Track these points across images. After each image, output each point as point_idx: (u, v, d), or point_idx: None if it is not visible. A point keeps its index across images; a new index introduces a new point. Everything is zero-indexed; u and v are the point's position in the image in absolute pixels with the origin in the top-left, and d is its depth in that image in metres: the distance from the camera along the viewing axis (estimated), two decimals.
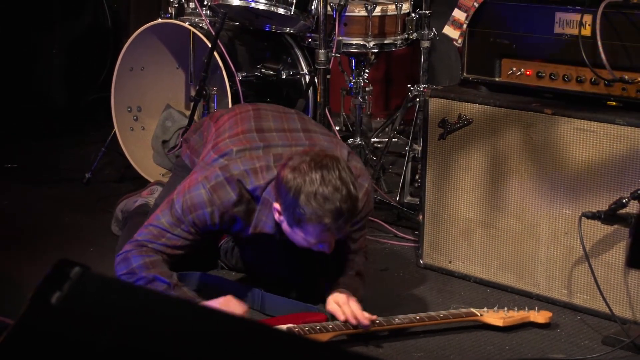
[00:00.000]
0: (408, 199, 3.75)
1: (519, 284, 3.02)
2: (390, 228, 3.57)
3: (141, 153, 4.05)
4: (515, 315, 2.77)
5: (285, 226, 2.50)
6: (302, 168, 2.41)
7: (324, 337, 2.56)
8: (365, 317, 2.61)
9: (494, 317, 2.75)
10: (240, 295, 2.88)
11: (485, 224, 3.07)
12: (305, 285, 2.88)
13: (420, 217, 3.23)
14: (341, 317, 2.61)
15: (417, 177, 3.75)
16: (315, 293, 2.79)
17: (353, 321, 2.60)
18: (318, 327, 2.58)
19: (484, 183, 3.06)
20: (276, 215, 2.51)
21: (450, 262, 3.19)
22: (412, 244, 3.41)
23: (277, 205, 2.50)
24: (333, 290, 2.68)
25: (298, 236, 2.49)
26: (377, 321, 2.65)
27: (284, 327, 2.54)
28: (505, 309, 2.77)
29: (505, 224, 3.02)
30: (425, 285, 3.10)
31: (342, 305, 2.63)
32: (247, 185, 2.55)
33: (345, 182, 2.41)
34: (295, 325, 2.59)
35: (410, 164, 3.79)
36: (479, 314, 2.76)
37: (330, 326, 2.59)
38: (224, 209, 2.56)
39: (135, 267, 2.58)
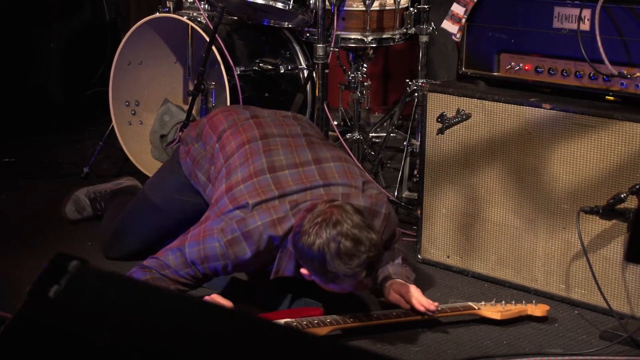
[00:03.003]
0: (406, 193, 3.75)
1: (516, 279, 3.02)
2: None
3: (139, 147, 4.05)
4: (512, 309, 2.77)
5: (319, 282, 2.51)
6: (315, 231, 2.42)
7: (322, 331, 2.56)
8: (430, 303, 2.65)
9: (492, 310, 2.75)
10: (239, 290, 2.91)
11: (483, 219, 3.07)
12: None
13: (419, 211, 3.24)
14: (406, 306, 2.66)
15: (415, 172, 3.73)
16: (313, 288, 2.79)
17: (420, 308, 2.64)
18: (316, 322, 2.58)
19: (482, 178, 3.06)
20: (306, 276, 2.53)
21: (448, 256, 3.19)
22: (410, 239, 3.40)
23: (304, 271, 2.51)
24: (388, 280, 2.71)
25: (334, 288, 2.51)
26: (375, 315, 2.65)
27: (281, 321, 2.54)
28: (503, 302, 2.78)
29: (503, 218, 3.02)
30: (423, 280, 3.10)
31: (405, 294, 2.66)
32: (264, 237, 2.54)
33: (362, 228, 2.42)
34: (293, 319, 2.59)
35: (408, 158, 3.79)
36: (477, 308, 2.76)
37: (328, 320, 2.59)
38: (237, 262, 2.57)
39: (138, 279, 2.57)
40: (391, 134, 4.00)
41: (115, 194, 3.49)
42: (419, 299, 2.65)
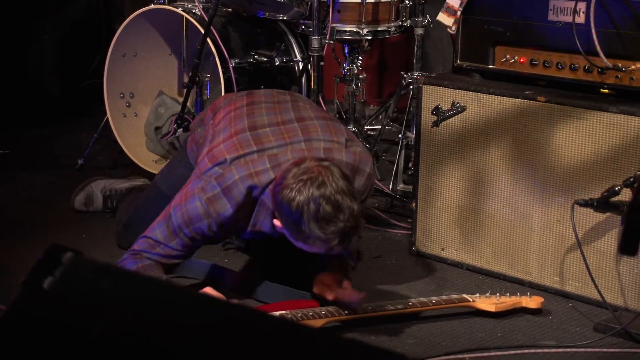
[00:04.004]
0: (401, 186, 3.75)
1: (511, 272, 3.03)
2: (383, 215, 3.57)
3: (134, 139, 4.04)
4: (507, 301, 2.77)
5: (288, 237, 2.47)
6: (298, 188, 2.36)
7: (317, 323, 2.56)
8: (354, 294, 2.59)
9: (486, 302, 2.75)
10: (233, 282, 2.91)
11: (478, 212, 3.07)
12: (300, 272, 2.88)
13: (413, 204, 3.23)
14: (329, 297, 2.60)
15: (410, 164, 3.74)
16: (309, 281, 2.79)
17: (342, 299, 2.59)
18: (311, 314, 2.57)
19: (477, 170, 3.06)
20: (277, 227, 2.49)
21: (443, 249, 3.19)
22: (405, 232, 3.41)
23: (277, 223, 2.48)
24: (320, 273, 2.68)
25: (303, 247, 2.46)
26: (370, 307, 2.65)
27: (276, 313, 2.53)
28: (497, 294, 2.78)
29: (498, 211, 3.02)
30: (418, 273, 3.11)
31: (330, 285, 2.63)
32: (243, 190, 2.53)
33: (345, 194, 2.36)
34: (288, 311, 2.58)
35: (403, 151, 3.78)
36: (471, 300, 2.76)
37: (323, 312, 2.59)
38: (221, 220, 2.55)
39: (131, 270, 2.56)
40: (386, 127, 4.00)
41: (129, 192, 3.51)
42: (344, 290, 2.59)
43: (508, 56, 3.03)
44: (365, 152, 2.72)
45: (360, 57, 3.95)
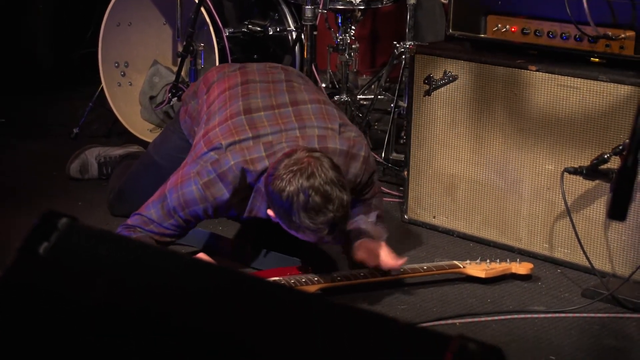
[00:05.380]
0: (393, 155, 3.75)
1: (501, 239, 3.03)
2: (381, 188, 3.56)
3: (128, 108, 4.03)
4: (497, 267, 2.78)
5: (282, 225, 2.48)
6: (288, 179, 2.37)
7: (310, 289, 2.56)
8: (396, 261, 2.63)
9: (477, 269, 2.76)
10: (227, 249, 2.92)
11: (469, 180, 3.07)
12: (293, 240, 2.88)
13: (405, 173, 3.24)
14: (372, 264, 2.63)
15: (402, 133, 3.74)
16: (302, 247, 2.80)
17: (385, 267, 2.62)
18: (304, 280, 2.58)
19: (468, 139, 3.05)
20: (272, 217, 2.49)
21: (434, 217, 3.20)
22: (397, 200, 3.41)
23: (271, 213, 2.48)
24: (357, 238, 2.68)
25: (296, 235, 2.48)
26: (362, 274, 2.66)
27: (270, 279, 2.54)
28: (488, 261, 2.79)
29: (489, 179, 3.02)
30: (409, 240, 3.11)
31: (373, 251, 2.64)
32: (238, 173, 2.52)
33: (334, 185, 2.37)
34: (281, 277, 2.59)
35: (395, 120, 3.77)
36: (462, 266, 2.77)
37: (316, 279, 2.60)
38: (217, 204, 2.55)
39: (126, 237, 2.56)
40: (379, 96, 3.99)
41: (123, 159, 3.50)
42: (386, 258, 2.63)
43: (500, 25, 3.02)
44: (360, 136, 2.71)
45: (353, 27, 3.93)
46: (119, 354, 1.04)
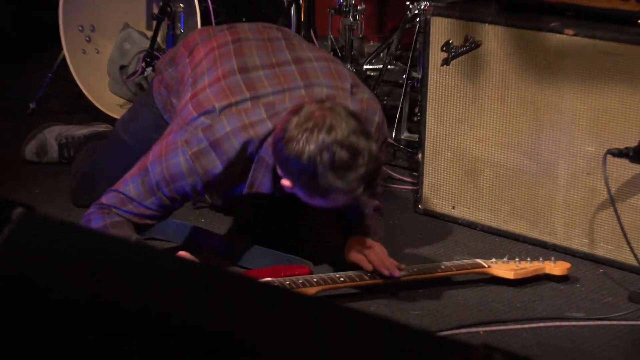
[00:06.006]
0: (405, 135, 3.75)
1: (532, 233, 3.04)
2: (384, 168, 3.56)
3: (95, 80, 4.02)
4: (528, 267, 2.78)
5: (302, 196, 2.47)
6: (305, 137, 2.35)
7: (309, 291, 2.56)
8: (394, 265, 2.63)
9: (504, 268, 2.76)
10: (212, 245, 2.93)
11: (494, 164, 3.08)
12: (290, 234, 2.90)
13: (420, 155, 3.24)
14: (368, 267, 2.63)
15: (416, 109, 3.75)
16: (301, 242, 2.81)
17: (385, 271, 2.62)
18: (301, 281, 2.58)
19: (493, 116, 3.05)
20: (286, 188, 2.48)
21: (453, 207, 3.20)
22: (410, 187, 3.42)
23: (287, 182, 2.46)
24: (351, 235, 2.69)
25: (322, 204, 2.47)
26: (368, 274, 2.66)
27: (262, 280, 2.53)
28: (517, 259, 2.79)
29: (518, 163, 3.02)
30: (424, 235, 3.12)
31: (367, 253, 2.64)
32: (236, 145, 2.51)
33: (360, 135, 2.37)
34: (275, 279, 2.60)
35: (408, 94, 3.77)
36: (487, 266, 2.77)
37: (315, 280, 2.60)
38: (208, 178, 2.54)
39: (94, 229, 2.56)
40: (388, 66, 4.00)
41: (88, 140, 3.51)
42: (383, 260, 2.63)
43: None
44: (374, 99, 2.72)
45: None
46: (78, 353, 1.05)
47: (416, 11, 3.82)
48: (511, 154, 3.04)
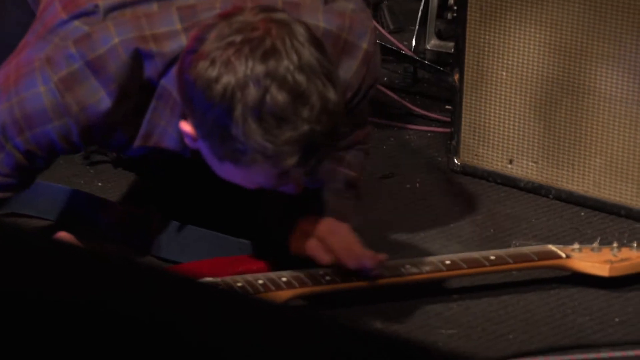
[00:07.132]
0: (433, 42, 3.82)
1: (639, 203, 3.04)
2: (398, 98, 3.60)
3: None
4: (633, 257, 2.79)
5: (206, 154, 2.50)
6: (227, 58, 2.38)
7: (277, 296, 2.62)
8: (369, 255, 2.66)
9: (593, 259, 2.80)
10: (113, 222, 3.02)
11: (573, 96, 3.09)
12: (238, 206, 2.96)
13: (456, 76, 3.26)
14: (325, 260, 2.67)
15: (450, 1, 3.76)
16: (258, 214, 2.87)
17: (351, 264, 2.66)
18: (261, 282, 2.63)
19: (571, 21, 3.09)
20: (187, 135, 2.51)
21: (510, 162, 3.26)
22: (440, 129, 3.47)
23: (186, 127, 2.48)
24: (306, 216, 2.73)
25: (234, 175, 2.50)
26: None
27: (203, 280, 2.55)
28: (615, 244, 2.82)
29: (610, 95, 3.07)
30: (462, 205, 3.20)
31: (328, 240, 2.68)
32: (130, 62, 2.52)
33: (316, 74, 2.39)
34: (220, 277, 2.66)
35: None
36: (564, 255, 2.80)
37: (284, 279, 2.64)
38: (87, 120, 2.55)
39: None
40: None
41: None
42: (351, 249, 2.69)
43: None
44: (364, 11, 2.75)
45: None
46: None
47: None
48: (598, 83, 3.08)
